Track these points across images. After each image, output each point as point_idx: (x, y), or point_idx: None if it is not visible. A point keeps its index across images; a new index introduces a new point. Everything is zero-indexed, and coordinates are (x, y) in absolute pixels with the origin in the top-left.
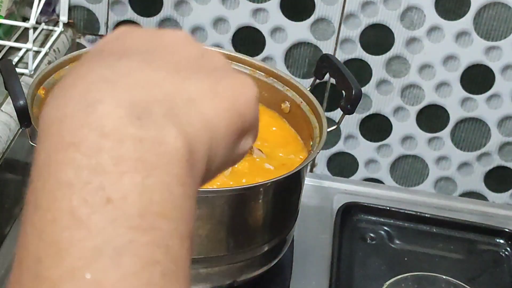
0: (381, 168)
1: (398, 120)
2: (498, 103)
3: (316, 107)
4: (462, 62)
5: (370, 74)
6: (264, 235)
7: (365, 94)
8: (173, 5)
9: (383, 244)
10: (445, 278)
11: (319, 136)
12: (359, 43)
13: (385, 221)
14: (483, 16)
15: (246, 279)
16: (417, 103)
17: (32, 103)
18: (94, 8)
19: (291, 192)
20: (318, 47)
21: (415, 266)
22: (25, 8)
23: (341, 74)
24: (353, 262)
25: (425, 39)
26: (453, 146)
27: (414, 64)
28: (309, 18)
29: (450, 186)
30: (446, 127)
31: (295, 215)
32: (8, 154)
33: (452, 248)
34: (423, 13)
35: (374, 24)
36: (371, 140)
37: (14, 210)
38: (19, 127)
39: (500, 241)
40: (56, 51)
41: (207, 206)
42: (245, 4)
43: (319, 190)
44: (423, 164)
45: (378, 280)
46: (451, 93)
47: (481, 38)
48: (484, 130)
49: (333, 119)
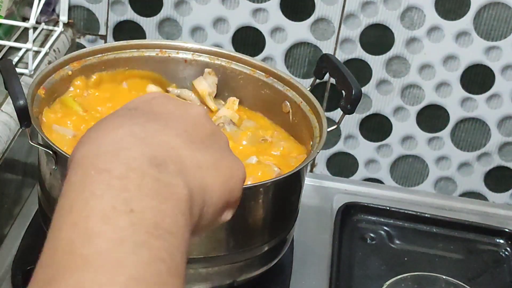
0: (381, 168)
1: (398, 120)
2: (498, 103)
3: (316, 107)
4: (462, 62)
5: (370, 74)
6: (264, 235)
7: (365, 94)
8: (173, 5)
9: (383, 244)
10: (445, 278)
11: (319, 136)
12: (359, 43)
13: (385, 221)
14: (483, 16)
15: (246, 279)
16: (417, 103)
17: (32, 103)
18: (94, 8)
19: (291, 192)
20: (318, 47)
21: (415, 266)
22: (25, 8)
23: (341, 74)
24: (353, 262)
25: (425, 39)
26: (453, 146)
27: (414, 64)
28: (309, 18)
29: (450, 186)
30: (446, 127)
31: (295, 215)
32: (8, 154)
33: (452, 248)
34: (423, 13)
35: (374, 24)
36: (371, 140)
37: (14, 210)
38: (19, 127)
39: (500, 241)
40: (56, 51)
41: None
42: (245, 4)
43: (319, 190)
44: (423, 164)
45: (378, 280)
46: (451, 93)
47: (481, 38)
48: (484, 130)
49: (333, 119)
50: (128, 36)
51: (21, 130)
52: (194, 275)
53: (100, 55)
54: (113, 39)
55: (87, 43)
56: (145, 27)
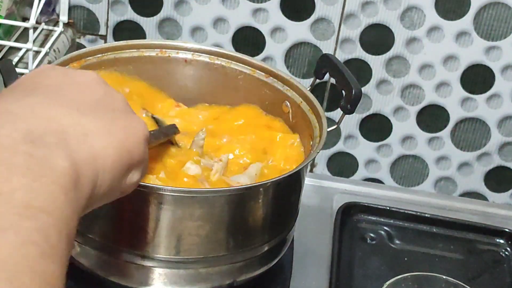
0: (381, 168)
1: (398, 120)
2: (498, 103)
3: (316, 107)
4: (462, 62)
5: (370, 74)
6: (264, 235)
7: (365, 94)
8: (173, 5)
9: (383, 244)
10: (445, 278)
11: (319, 136)
12: (359, 43)
13: (385, 221)
14: (483, 16)
15: (246, 279)
16: (417, 103)
17: None
18: (94, 8)
19: (291, 192)
20: (318, 47)
21: (415, 266)
22: (25, 8)
23: (341, 74)
24: (353, 262)
25: (425, 39)
26: (453, 146)
27: (414, 64)
28: (309, 18)
29: (450, 186)
30: (446, 127)
31: (295, 215)
32: None
33: (452, 248)
34: (423, 13)
35: (374, 24)
36: (371, 140)
37: None
38: None
39: (500, 241)
40: (56, 51)
41: (207, 206)
42: (245, 4)
43: (319, 190)
44: (423, 164)
45: (378, 280)
46: (451, 93)
47: (481, 38)
48: (484, 130)
49: (333, 119)
50: (128, 36)
51: None
52: (194, 275)
53: (100, 55)
54: (113, 39)
55: (87, 43)
56: (145, 27)
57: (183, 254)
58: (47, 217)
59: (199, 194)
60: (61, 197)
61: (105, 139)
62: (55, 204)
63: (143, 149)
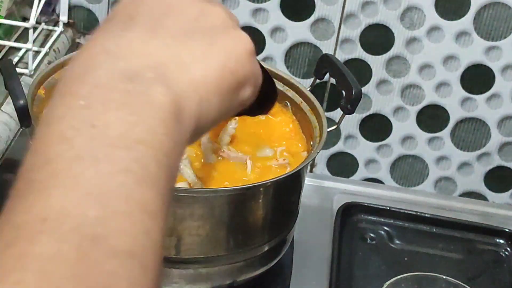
0: (381, 168)
1: (398, 120)
2: (498, 103)
3: (316, 107)
4: (462, 62)
5: (370, 74)
6: (264, 235)
7: (365, 94)
8: None
9: (383, 244)
10: (445, 278)
11: (319, 136)
12: (359, 43)
13: (385, 221)
14: (483, 16)
15: (246, 279)
16: (417, 103)
17: (32, 103)
18: (94, 8)
19: (291, 192)
20: (318, 47)
21: (415, 266)
22: (25, 8)
23: (341, 74)
24: (353, 262)
25: (425, 39)
26: (453, 146)
27: (414, 64)
28: (309, 18)
29: (450, 186)
30: (446, 127)
31: (295, 215)
32: (8, 154)
33: (452, 248)
34: (423, 13)
35: (374, 24)
36: (371, 140)
37: None
38: (19, 127)
39: (500, 241)
40: (56, 51)
41: (207, 206)
42: (245, 4)
43: (319, 190)
44: (423, 164)
45: (378, 280)
46: (451, 93)
47: (481, 38)
48: (484, 130)
49: (333, 119)
50: None
51: (21, 130)
52: (194, 275)
53: None
54: None
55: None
56: None
57: (183, 254)
58: (144, 148)
59: (199, 194)
60: (160, 130)
61: (204, 66)
62: (153, 137)
63: (249, 66)
